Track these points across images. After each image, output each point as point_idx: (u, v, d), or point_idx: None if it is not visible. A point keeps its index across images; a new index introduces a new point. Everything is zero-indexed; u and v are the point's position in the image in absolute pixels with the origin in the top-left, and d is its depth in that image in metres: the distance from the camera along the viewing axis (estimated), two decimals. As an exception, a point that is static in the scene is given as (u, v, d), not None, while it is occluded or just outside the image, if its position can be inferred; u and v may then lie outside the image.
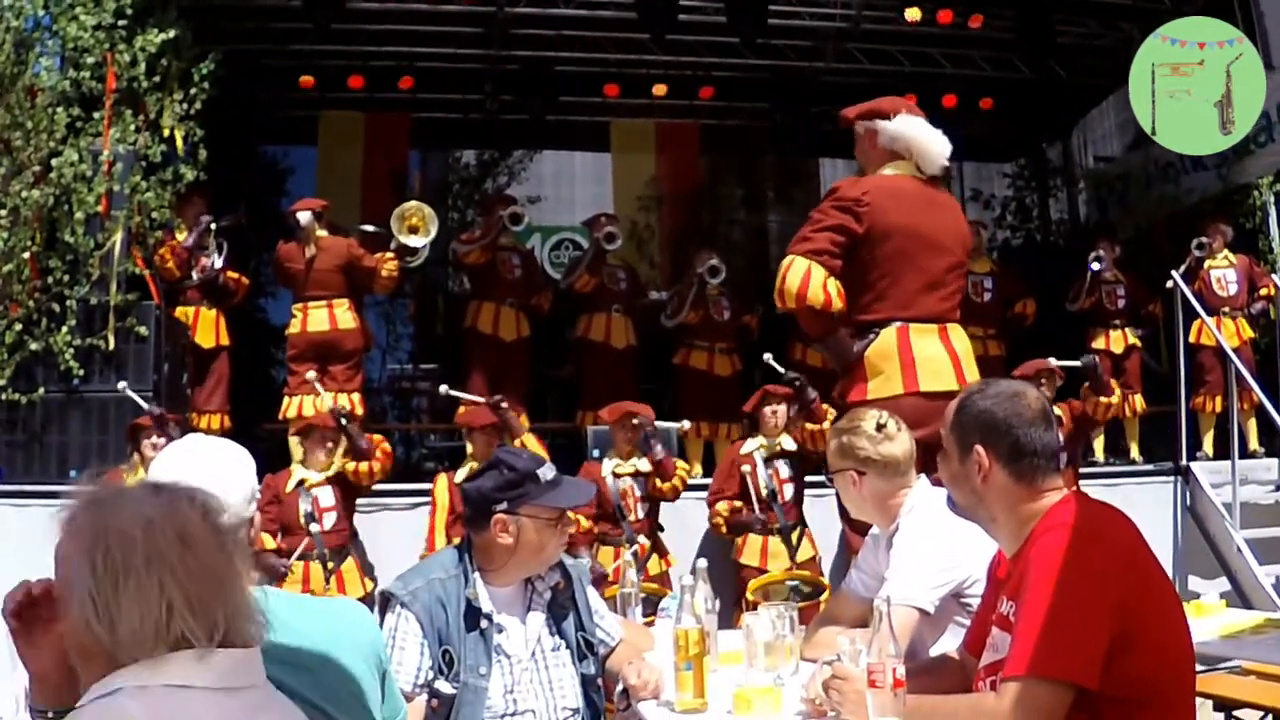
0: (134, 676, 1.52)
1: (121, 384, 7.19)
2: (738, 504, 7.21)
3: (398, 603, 2.97)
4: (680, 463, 7.26)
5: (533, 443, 7.09)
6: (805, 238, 4.65)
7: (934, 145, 4.79)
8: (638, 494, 7.05)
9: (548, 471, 3.07)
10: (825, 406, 6.87)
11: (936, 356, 4.59)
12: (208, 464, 2.20)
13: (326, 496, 6.77)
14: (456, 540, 3.54)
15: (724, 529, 7.25)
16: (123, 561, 1.54)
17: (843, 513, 5.37)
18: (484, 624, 2.99)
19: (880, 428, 3.29)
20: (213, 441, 2.35)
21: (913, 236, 4.62)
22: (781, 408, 7.35)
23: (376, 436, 7.09)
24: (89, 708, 1.52)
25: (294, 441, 7.17)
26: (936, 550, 3.07)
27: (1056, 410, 6.92)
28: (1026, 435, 2.44)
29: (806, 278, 4.53)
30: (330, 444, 6.93)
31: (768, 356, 7.68)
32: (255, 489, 2.26)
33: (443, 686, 2.91)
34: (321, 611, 2.29)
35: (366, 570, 7.01)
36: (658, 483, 7.07)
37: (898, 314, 4.62)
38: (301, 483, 6.76)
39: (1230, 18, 8.39)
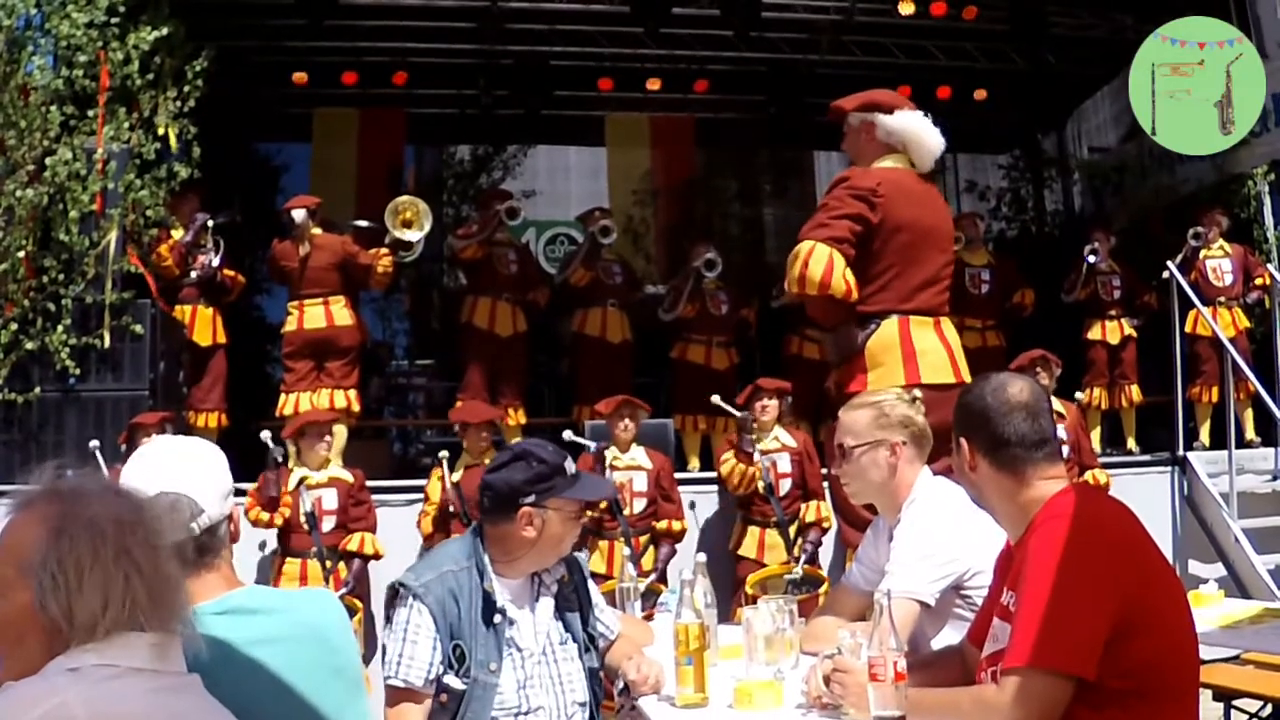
0: (72, 659, 1.57)
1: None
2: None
3: (410, 594, 2.92)
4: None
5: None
6: (824, 224, 4.59)
7: (930, 141, 4.81)
8: (635, 488, 7.05)
9: (570, 465, 3.07)
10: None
11: (935, 349, 4.62)
12: (178, 467, 2.18)
13: (330, 499, 6.76)
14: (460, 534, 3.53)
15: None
16: (91, 551, 1.59)
17: (838, 509, 5.40)
18: (497, 619, 2.96)
19: (914, 400, 3.28)
20: (183, 443, 2.33)
21: (918, 231, 4.64)
22: (773, 402, 7.34)
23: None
24: (24, 683, 1.56)
25: (289, 442, 7.16)
26: (938, 542, 3.06)
27: (1057, 406, 6.95)
28: (1003, 426, 2.44)
29: (830, 266, 4.49)
30: (326, 439, 6.93)
31: (715, 398, 7.59)
32: (230, 487, 2.24)
33: (452, 682, 2.88)
34: (289, 603, 2.30)
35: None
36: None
37: (899, 306, 4.62)
38: (302, 481, 6.75)
39: (1224, 7, 8.40)
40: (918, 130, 4.80)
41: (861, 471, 3.24)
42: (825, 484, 7.01)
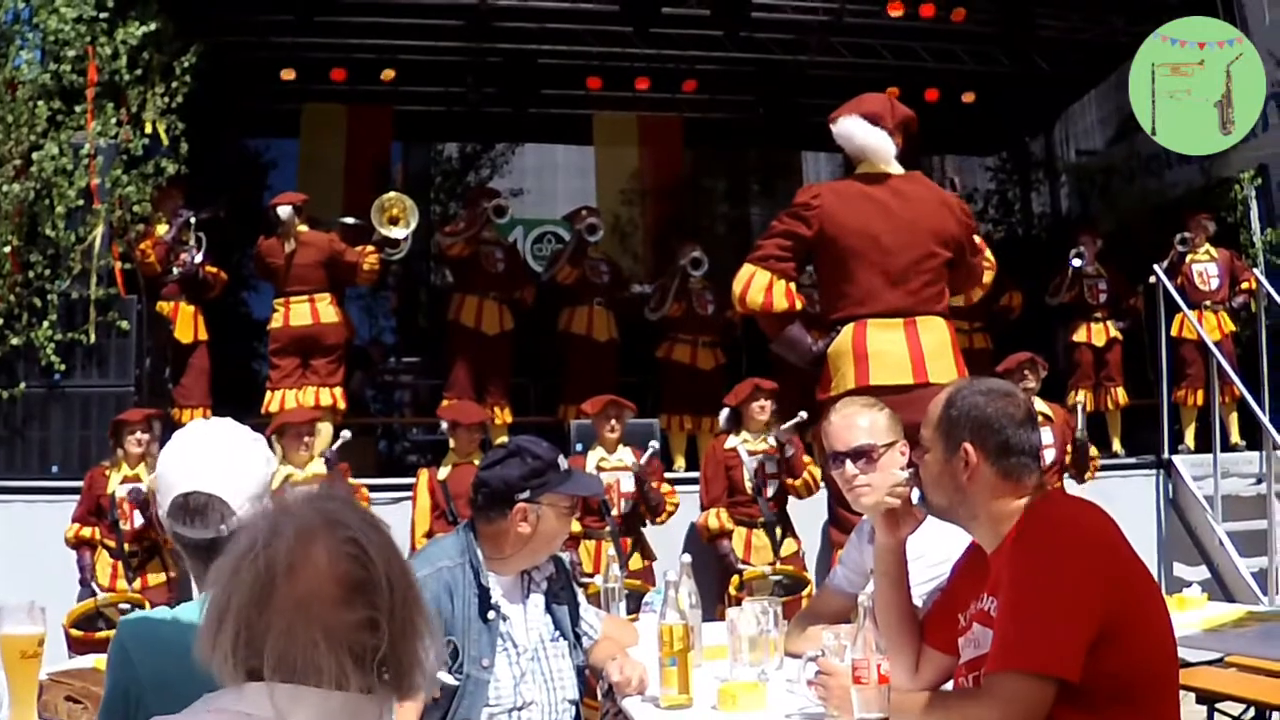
0: (222, 698, 1.46)
1: None
2: (728, 524, 7.16)
3: None
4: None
5: None
6: (759, 245, 5.04)
7: (863, 141, 4.88)
8: (622, 489, 7.03)
9: (563, 461, 3.08)
10: None
11: (892, 351, 4.70)
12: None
13: None
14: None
15: (706, 539, 7.21)
16: (233, 595, 1.46)
17: (831, 509, 5.41)
18: (491, 615, 2.96)
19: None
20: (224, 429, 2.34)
21: (864, 235, 4.76)
22: (770, 403, 7.31)
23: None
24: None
25: (274, 439, 7.14)
26: (930, 544, 3.05)
27: (1045, 408, 6.97)
28: (1015, 434, 2.44)
29: (768, 286, 4.87)
30: (307, 439, 6.91)
31: None
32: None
33: (445, 678, 2.87)
34: None
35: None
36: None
37: (856, 311, 4.80)
38: (288, 479, 6.73)
39: (1212, 10, 8.42)
40: (850, 135, 4.90)
41: (884, 469, 3.14)
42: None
